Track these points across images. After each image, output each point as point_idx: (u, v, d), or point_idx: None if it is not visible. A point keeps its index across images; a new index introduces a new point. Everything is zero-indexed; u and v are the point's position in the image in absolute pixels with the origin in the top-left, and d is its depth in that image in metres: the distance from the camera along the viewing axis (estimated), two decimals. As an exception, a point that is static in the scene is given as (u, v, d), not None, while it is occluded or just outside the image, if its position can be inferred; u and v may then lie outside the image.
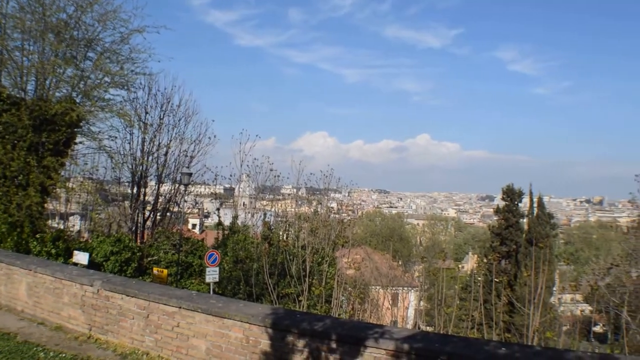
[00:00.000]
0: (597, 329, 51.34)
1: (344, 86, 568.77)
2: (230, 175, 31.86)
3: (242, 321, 8.95)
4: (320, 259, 20.87)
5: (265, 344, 8.69)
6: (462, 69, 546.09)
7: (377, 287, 28.26)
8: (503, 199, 50.98)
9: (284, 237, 23.86)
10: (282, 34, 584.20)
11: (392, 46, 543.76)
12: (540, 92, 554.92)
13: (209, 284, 21.25)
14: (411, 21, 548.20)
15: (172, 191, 29.10)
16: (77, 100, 22.02)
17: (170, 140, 28.16)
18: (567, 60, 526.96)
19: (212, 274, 21.23)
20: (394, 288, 31.67)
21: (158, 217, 28.72)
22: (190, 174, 27.10)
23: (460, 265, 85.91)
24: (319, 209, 27.88)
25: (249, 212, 32.06)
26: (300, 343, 8.33)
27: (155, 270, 20.39)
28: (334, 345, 7.96)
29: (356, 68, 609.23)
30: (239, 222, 28.06)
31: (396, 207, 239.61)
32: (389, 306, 26.41)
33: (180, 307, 9.87)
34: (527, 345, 10.51)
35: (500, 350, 7.11)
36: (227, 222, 28.53)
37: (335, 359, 7.95)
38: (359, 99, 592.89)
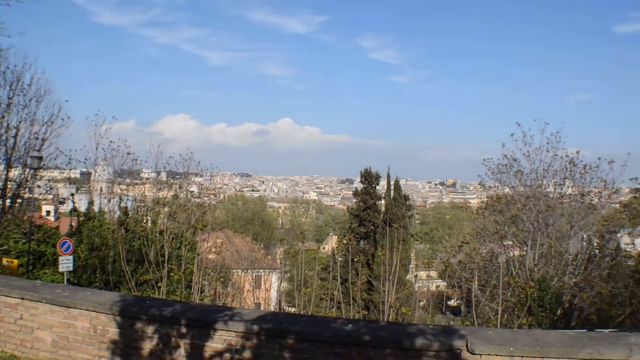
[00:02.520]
0: (452, 302, 53.82)
1: (207, 68, 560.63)
2: (86, 159, 30.35)
3: (88, 310, 8.55)
4: (179, 244, 20.37)
5: (113, 332, 8.35)
6: (326, 55, 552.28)
7: (239, 271, 28.11)
8: (362, 182, 52.14)
9: (142, 223, 23.08)
10: (146, 13, 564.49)
11: (258, 30, 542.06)
12: (401, 80, 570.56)
13: (63, 274, 20.28)
14: (277, 6, 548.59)
15: (23, 176, 27.40)
16: None
17: (20, 122, 26.43)
18: (425, 50, 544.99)
19: (65, 263, 20.26)
20: (255, 271, 31.63)
21: (7, 204, 26.97)
22: (40, 158, 25.55)
23: (321, 247, 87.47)
24: (179, 193, 27.25)
25: (105, 198, 30.77)
26: (150, 329, 8.09)
27: (4, 260, 19.21)
28: (184, 330, 7.82)
29: (220, 51, 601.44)
30: (95, 207, 26.87)
31: (258, 191, 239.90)
32: (251, 289, 26.35)
33: (23, 298, 9.26)
34: (373, 320, 10.81)
35: (346, 326, 7.28)
36: (83, 208, 27.28)
37: (185, 344, 7.81)
38: (222, 82, 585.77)
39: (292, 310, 20.37)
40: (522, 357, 6.41)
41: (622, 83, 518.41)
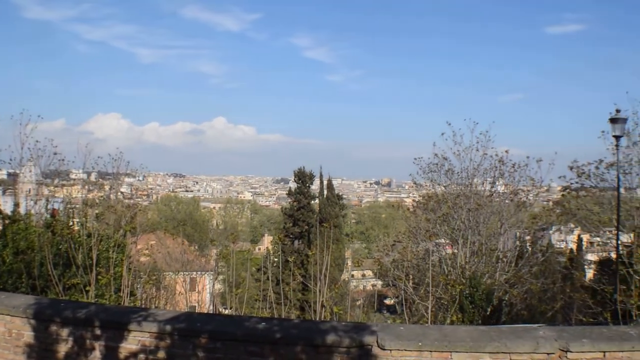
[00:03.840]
0: (388, 301, 54.32)
1: (139, 66, 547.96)
2: (11, 160, 29.30)
3: (2, 314, 8.26)
4: (107, 247, 19.83)
5: (28, 335, 8.08)
6: (259, 54, 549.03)
7: (171, 273, 27.62)
8: (296, 181, 52.10)
9: (69, 225, 22.40)
10: (74, 8, 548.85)
11: (191, 27, 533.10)
12: (335, 79, 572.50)
13: (-14, 280, 19.47)
14: (210, 3, 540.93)
15: (-57, 178, 26.32)
16: None
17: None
18: (358, 50, 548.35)
19: (-12, 268, 19.46)
20: (188, 273, 31.12)
21: None
22: (-42, 159, 24.55)
23: (256, 247, 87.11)
24: (110, 195, 26.59)
25: (31, 200, 29.78)
26: (64, 332, 7.87)
27: None
28: (98, 332, 7.67)
29: (152, 48, 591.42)
30: (21, 210, 25.96)
31: (192, 191, 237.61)
32: (183, 291, 25.88)
33: None
34: (286, 319, 10.79)
35: (260, 325, 7.32)
36: (9, 210, 26.33)
37: (100, 346, 7.65)
38: (154, 80, 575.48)
39: (226, 311, 20.15)
40: (431, 351, 6.54)
41: (554, 83, 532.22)
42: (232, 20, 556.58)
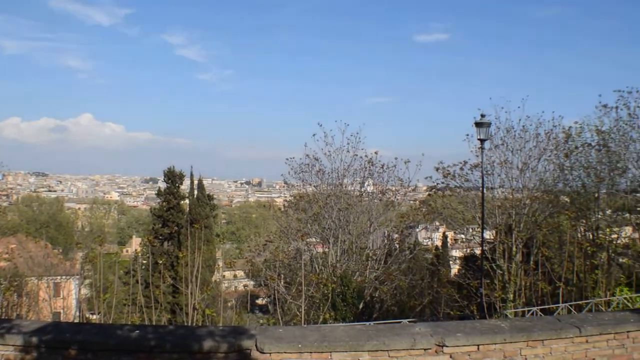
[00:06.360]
0: (260, 301, 54.36)
1: (2, 58, 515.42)
2: None
3: None
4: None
5: None
6: (131, 50, 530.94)
7: (34, 278, 26.30)
8: (165, 181, 51.00)
9: None
10: None
11: (59, 19, 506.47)
12: (207, 78, 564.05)
13: None
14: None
15: None
16: None
17: None
18: (230, 49, 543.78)
19: None
20: (52, 278, 29.75)
21: None
22: None
23: (124, 249, 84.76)
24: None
25: None
26: None
27: None
28: None
29: (17, 39, 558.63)
30: None
31: (56, 191, 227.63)
32: (47, 298, 24.72)
33: None
34: (161, 325, 10.57)
35: (133, 333, 7.03)
36: None
37: None
38: (17, 73, 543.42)
39: (94, 317, 19.36)
40: (311, 352, 6.55)
41: (419, 89, 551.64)
42: (103, 14, 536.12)
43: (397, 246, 24.49)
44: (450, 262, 36.90)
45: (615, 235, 21.47)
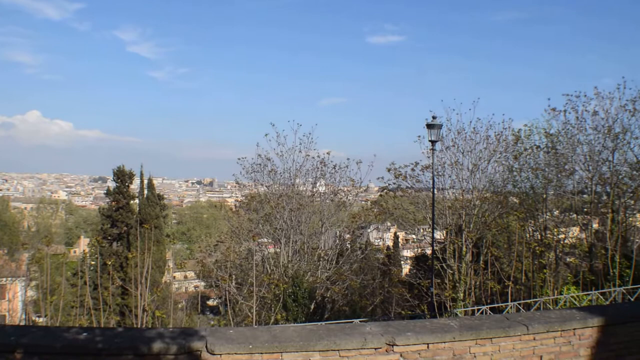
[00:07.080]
0: (212, 302, 53.98)
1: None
2: None
3: None
4: None
5: None
6: (80, 46, 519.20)
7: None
8: (114, 180, 50.29)
9: None
10: None
11: (6, 12, 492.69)
12: (159, 76, 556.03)
13: None
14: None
15: None
16: None
17: None
18: (184, 47, 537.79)
19: None
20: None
21: None
22: None
23: (72, 250, 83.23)
24: None
25: None
26: None
27: None
28: None
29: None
30: None
31: (1, 190, 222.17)
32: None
33: None
34: (109, 328, 10.35)
35: (81, 335, 6.87)
36: None
37: None
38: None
39: (40, 320, 18.99)
40: (262, 353, 6.54)
41: (373, 90, 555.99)
42: (53, 8, 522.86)
43: (349, 246, 24.61)
44: (402, 262, 37.27)
45: (563, 236, 21.97)
